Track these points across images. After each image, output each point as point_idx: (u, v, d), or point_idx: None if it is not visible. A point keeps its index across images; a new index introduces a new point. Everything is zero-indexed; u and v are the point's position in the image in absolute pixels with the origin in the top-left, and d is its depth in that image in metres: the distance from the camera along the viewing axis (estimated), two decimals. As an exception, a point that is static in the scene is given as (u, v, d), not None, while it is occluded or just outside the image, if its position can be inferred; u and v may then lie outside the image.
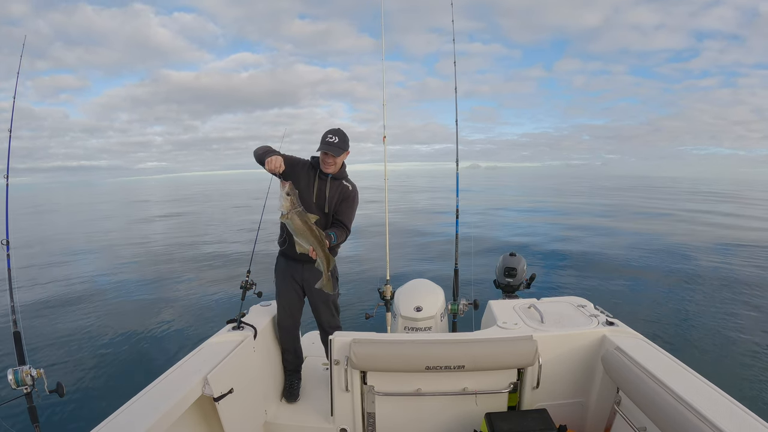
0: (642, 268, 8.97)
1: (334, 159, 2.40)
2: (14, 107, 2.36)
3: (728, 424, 1.48)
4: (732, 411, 1.59)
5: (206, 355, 2.16)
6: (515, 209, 22.13)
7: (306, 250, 2.25)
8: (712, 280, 8.04)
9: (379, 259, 3.46)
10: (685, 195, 32.65)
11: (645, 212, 19.99)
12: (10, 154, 2.30)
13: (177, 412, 1.78)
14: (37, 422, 1.94)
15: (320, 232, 2.25)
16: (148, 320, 6.25)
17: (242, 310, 2.55)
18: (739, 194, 34.83)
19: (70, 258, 11.38)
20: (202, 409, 2.09)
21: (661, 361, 1.98)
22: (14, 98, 2.43)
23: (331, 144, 2.37)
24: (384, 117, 3.41)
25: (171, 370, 2.00)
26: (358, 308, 5.95)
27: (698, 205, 24.19)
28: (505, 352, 2.13)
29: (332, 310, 2.71)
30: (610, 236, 12.65)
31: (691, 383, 1.78)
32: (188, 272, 9.25)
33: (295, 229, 2.22)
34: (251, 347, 2.42)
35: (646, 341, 2.19)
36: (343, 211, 2.53)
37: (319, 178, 2.49)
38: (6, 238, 2.21)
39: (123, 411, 1.67)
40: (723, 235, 12.40)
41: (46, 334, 5.68)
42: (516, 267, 3.43)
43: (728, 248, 10.56)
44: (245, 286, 2.55)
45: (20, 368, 1.90)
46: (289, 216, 2.17)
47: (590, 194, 33.23)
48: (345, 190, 2.54)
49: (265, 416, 2.53)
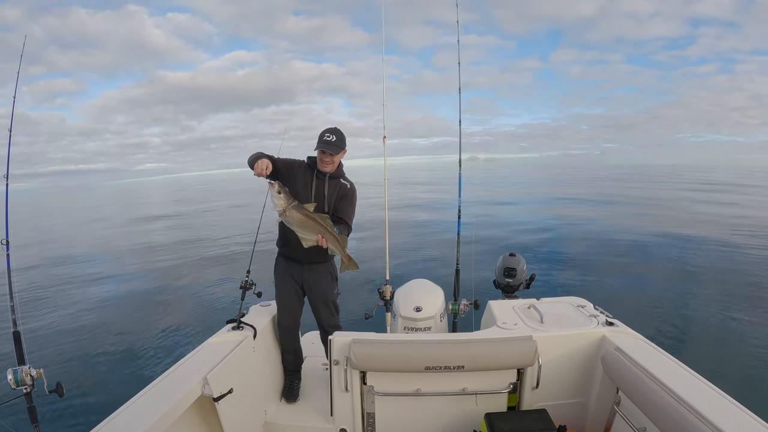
0: (642, 269, 8.97)
1: (331, 158, 2.41)
2: (14, 108, 2.36)
3: (728, 425, 1.48)
4: (732, 411, 1.59)
5: (206, 355, 2.16)
6: (514, 202, 22.08)
7: (314, 242, 2.24)
8: (712, 280, 8.04)
9: (379, 259, 3.46)
10: (684, 185, 32.13)
11: (644, 204, 19.95)
12: (10, 152, 2.30)
13: (177, 412, 1.78)
14: (37, 422, 1.94)
15: (322, 218, 2.25)
16: (148, 320, 6.25)
17: (242, 310, 2.55)
18: (739, 183, 34.29)
19: (70, 260, 11.39)
20: (201, 409, 2.09)
21: (661, 361, 1.98)
22: (14, 98, 2.43)
23: (329, 143, 2.37)
24: (384, 117, 3.40)
25: (171, 370, 2.00)
26: (358, 308, 5.95)
27: (697, 194, 24.07)
28: (504, 353, 2.13)
29: (332, 309, 2.71)
30: (611, 237, 12.65)
31: (691, 383, 1.78)
32: (188, 272, 9.25)
33: (296, 223, 2.21)
34: (251, 347, 2.42)
35: (645, 341, 2.19)
36: (343, 209, 2.54)
37: (317, 177, 2.49)
38: (6, 238, 2.21)
39: (123, 411, 1.66)
40: (723, 233, 12.38)
41: (46, 334, 5.68)
42: (516, 267, 3.42)
43: (728, 248, 10.56)
44: (245, 287, 2.55)
45: (20, 368, 1.90)
46: (287, 212, 2.17)
47: (588, 185, 32.72)
48: (343, 189, 2.54)
49: (265, 416, 2.53)
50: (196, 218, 21.26)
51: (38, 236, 15.01)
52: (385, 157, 3.48)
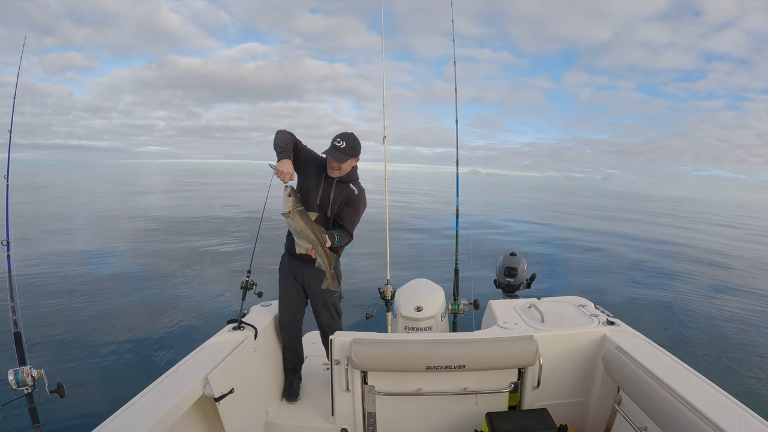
0: (642, 269, 8.97)
1: (339, 164, 2.34)
2: (13, 110, 2.36)
3: (728, 423, 1.48)
4: (732, 410, 1.59)
5: (207, 355, 2.16)
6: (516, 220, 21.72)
7: (306, 250, 2.26)
8: (712, 280, 8.04)
9: (380, 258, 3.46)
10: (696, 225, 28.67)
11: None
12: (10, 151, 2.30)
13: (178, 412, 1.78)
14: (38, 422, 1.94)
15: (320, 231, 2.25)
16: (149, 320, 6.25)
17: (243, 310, 2.55)
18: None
19: (69, 258, 11.38)
20: (202, 409, 2.09)
21: (662, 360, 1.98)
22: (14, 98, 2.43)
23: (337, 149, 2.29)
24: (384, 117, 3.41)
25: (172, 370, 1.99)
26: (359, 308, 5.96)
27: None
28: (505, 352, 2.13)
29: (332, 312, 2.69)
30: (610, 237, 12.64)
31: (691, 382, 1.78)
32: (189, 272, 9.24)
33: (296, 228, 2.23)
34: (252, 347, 2.42)
35: (646, 341, 2.20)
36: (345, 216, 2.47)
37: (326, 180, 2.44)
38: (6, 239, 2.21)
39: (124, 411, 1.66)
40: (723, 241, 12.39)
41: (46, 334, 5.67)
42: (516, 267, 3.42)
43: (729, 248, 10.56)
44: (246, 287, 2.55)
45: (21, 369, 1.90)
46: (291, 215, 2.19)
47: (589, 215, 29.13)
48: (350, 195, 2.47)
49: (266, 416, 2.53)
50: (195, 217, 21.23)
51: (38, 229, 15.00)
52: (386, 158, 3.48)
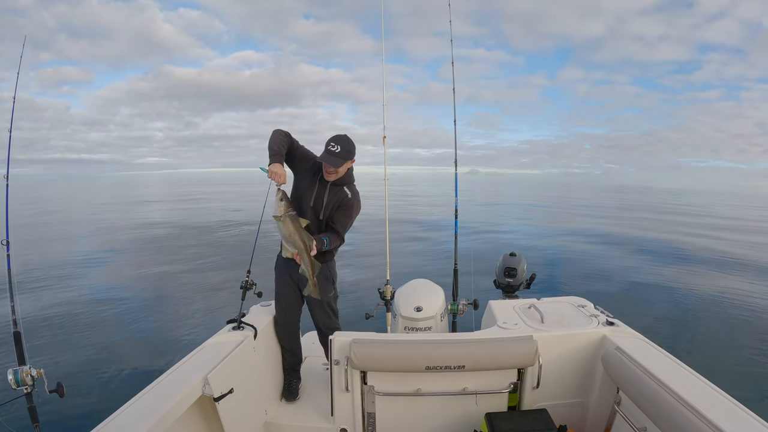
0: (642, 269, 8.97)
1: (335, 168, 2.33)
2: (14, 108, 2.36)
3: (728, 424, 1.48)
4: (732, 411, 1.59)
5: (206, 355, 2.16)
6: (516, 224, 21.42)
7: (291, 255, 2.27)
8: (712, 279, 8.04)
9: (380, 257, 3.46)
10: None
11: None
12: (10, 153, 2.30)
13: (177, 412, 1.78)
14: (37, 422, 1.94)
15: (308, 238, 2.25)
16: (148, 320, 6.25)
17: (242, 310, 2.55)
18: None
19: (70, 260, 11.38)
20: (202, 409, 2.09)
21: (662, 361, 1.98)
22: (14, 98, 2.43)
23: (331, 153, 2.28)
24: (384, 118, 3.41)
25: (171, 370, 1.99)
26: (359, 308, 5.96)
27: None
28: (505, 352, 2.13)
29: (327, 311, 2.68)
30: (610, 237, 12.65)
31: (691, 383, 1.78)
32: (188, 272, 9.24)
33: (285, 233, 2.24)
34: (251, 347, 2.42)
35: (646, 341, 2.20)
36: (337, 219, 2.46)
37: (320, 182, 2.44)
38: (6, 239, 2.21)
39: (123, 411, 1.66)
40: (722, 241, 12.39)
41: (46, 334, 5.67)
42: (516, 267, 3.43)
43: (728, 248, 10.56)
44: (245, 286, 2.54)
45: (20, 368, 1.90)
46: (282, 219, 2.20)
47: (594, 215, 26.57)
48: (344, 198, 2.46)
49: (266, 416, 2.53)
50: (195, 217, 21.26)
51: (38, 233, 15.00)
52: (385, 158, 3.48)
